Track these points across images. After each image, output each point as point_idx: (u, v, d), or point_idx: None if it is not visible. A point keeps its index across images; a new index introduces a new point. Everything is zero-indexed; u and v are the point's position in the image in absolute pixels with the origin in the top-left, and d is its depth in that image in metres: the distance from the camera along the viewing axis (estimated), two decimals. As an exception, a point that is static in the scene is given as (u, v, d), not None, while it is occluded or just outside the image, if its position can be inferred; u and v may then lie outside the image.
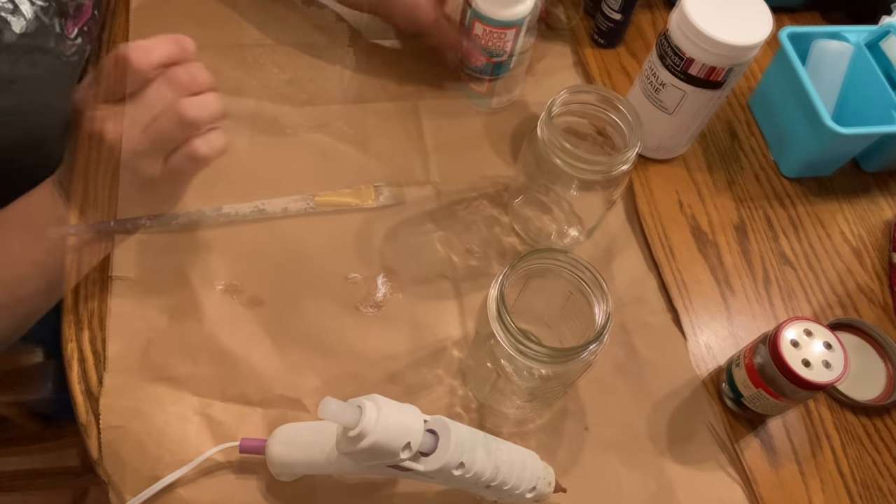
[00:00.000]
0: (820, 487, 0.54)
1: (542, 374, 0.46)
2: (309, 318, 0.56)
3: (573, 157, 0.50)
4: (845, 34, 0.68)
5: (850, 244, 0.66)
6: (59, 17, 0.55)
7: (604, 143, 0.55)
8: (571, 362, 0.43)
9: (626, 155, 0.51)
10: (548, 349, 0.42)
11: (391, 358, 0.55)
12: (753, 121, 0.73)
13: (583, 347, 0.43)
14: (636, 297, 0.60)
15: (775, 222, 0.66)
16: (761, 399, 0.52)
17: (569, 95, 0.53)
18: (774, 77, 0.69)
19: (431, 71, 0.68)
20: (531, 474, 0.45)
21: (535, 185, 0.58)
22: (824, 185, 0.70)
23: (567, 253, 0.46)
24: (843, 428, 0.57)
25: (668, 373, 0.57)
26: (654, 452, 0.54)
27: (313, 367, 0.54)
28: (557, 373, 0.46)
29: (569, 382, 0.50)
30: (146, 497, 0.47)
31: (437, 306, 0.58)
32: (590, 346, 0.43)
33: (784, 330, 0.50)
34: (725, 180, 0.68)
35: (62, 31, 0.55)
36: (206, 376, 0.52)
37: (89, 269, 0.54)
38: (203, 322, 0.54)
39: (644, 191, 0.66)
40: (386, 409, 0.39)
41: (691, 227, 0.65)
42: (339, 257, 0.59)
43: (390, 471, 0.41)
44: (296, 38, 0.70)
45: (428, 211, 0.62)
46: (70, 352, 0.52)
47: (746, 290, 0.62)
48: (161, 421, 0.50)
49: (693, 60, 0.57)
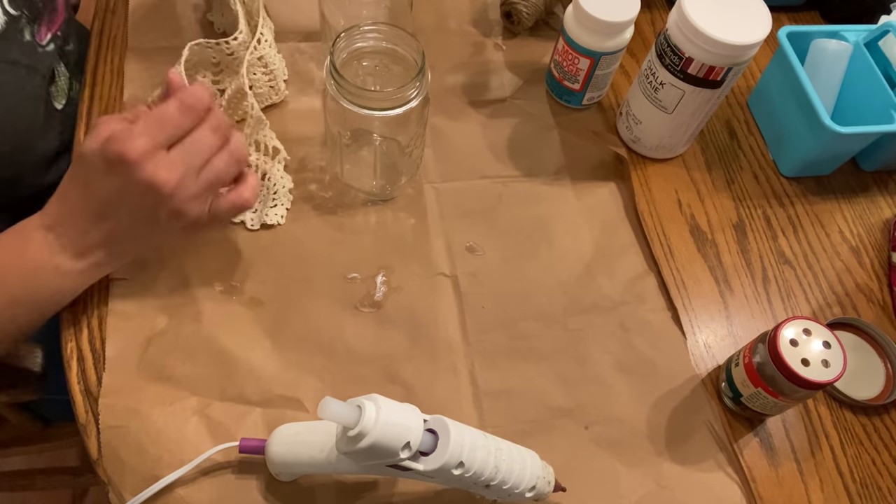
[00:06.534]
0: (819, 486, 0.54)
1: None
2: (308, 318, 0.56)
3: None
4: (844, 33, 0.68)
5: (848, 243, 0.66)
6: (31, 24, 0.55)
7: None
8: (401, 110, 0.51)
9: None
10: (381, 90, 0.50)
11: (390, 357, 0.55)
12: (752, 120, 0.73)
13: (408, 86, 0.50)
14: (636, 296, 0.60)
15: (774, 221, 0.67)
16: (760, 398, 0.52)
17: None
18: (773, 76, 0.69)
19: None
20: (531, 473, 0.45)
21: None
22: (823, 184, 0.70)
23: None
24: (842, 427, 0.57)
25: (667, 372, 0.57)
26: (653, 451, 0.54)
27: (313, 367, 0.54)
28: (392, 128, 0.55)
29: (406, 144, 0.56)
30: (146, 497, 0.47)
31: (436, 305, 0.58)
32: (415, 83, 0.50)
33: (783, 329, 0.50)
34: (724, 179, 0.69)
35: (33, 38, 0.55)
36: (206, 376, 0.52)
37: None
38: (202, 322, 0.54)
39: (643, 190, 0.66)
40: (385, 408, 0.39)
41: (690, 227, 0.65)
42: (337, 257, 0.59)
43: (390, 470, 0.41)
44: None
45: (427, 210, 0.62)
46: (69, 352, 0.52)
47: (745, 289, 0.62)
48: (160, 421, 0.50)
49: (692, 60, 0.57)
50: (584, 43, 0.62)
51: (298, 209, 0.61)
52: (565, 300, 0.59)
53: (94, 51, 0.66)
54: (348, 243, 0.60)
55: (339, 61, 0.52)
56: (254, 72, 0.61)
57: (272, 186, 0.59)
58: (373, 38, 0.54)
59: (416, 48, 0.53)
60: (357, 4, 0.63)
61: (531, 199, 0.64)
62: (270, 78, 0.63)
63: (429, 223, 0.62)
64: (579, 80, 0.66)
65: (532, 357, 0.56)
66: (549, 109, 0.70)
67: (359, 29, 0.53)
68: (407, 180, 0.63)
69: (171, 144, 0.46)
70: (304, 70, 0.68)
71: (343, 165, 0.60)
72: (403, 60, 0.55)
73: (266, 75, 0.62)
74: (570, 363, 0.57)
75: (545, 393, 0.55)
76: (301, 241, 0.59)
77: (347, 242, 0.60)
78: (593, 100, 0.69)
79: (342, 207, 0.61)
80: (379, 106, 0.52)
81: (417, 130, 0.57)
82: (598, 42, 0.62)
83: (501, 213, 0.63)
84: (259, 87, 0.62)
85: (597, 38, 0.62)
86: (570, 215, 0.64)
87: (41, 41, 0.57)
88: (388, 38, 0.54)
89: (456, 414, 0.49)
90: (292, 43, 0.69)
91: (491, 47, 0.73)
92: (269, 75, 0.62)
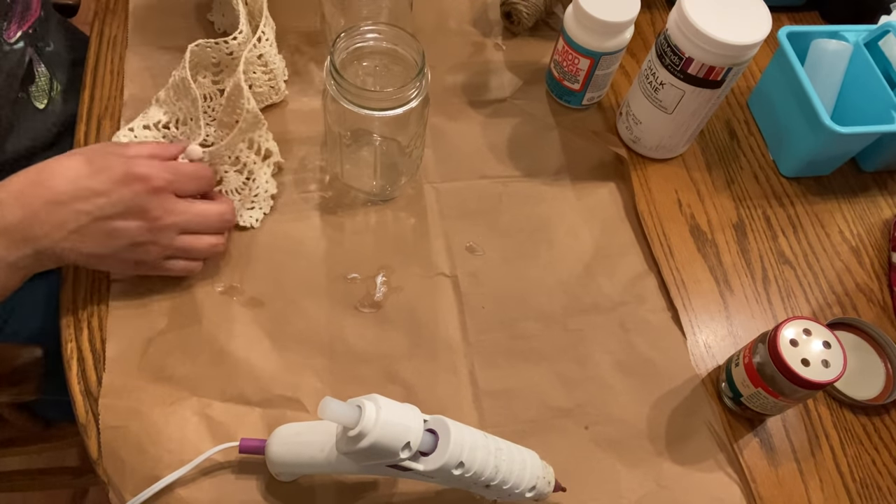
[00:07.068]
0: (819, 486, 0.54)
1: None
2: (308, 318, 0.56)
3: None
4: (844, 33, 0.68)
5: (848, 243, 0.66)
6: (0, 21, 0.54)
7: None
8: (401, 110, 0.51)
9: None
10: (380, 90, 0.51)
11: (390, 357, 0.55)
12: (752, 120, 0.73)
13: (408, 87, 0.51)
14: (636, 296, 0.60)
15: (774, 222, 0.67)
16: (760, 398, 0.52)
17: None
18: (773, 76, 0.69)
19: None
20: (531, 473, 0.45)
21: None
22: (823, 184, 0.70)
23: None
24: (842, 427, 0.57)
25: (667, 372, 0.57)
26: (653, 451, 0.54)
27: (313, 367, 0.54)
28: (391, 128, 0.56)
29: (406, 144, 0.56)
30: (146, 497, 0.47)
31: (436, 305, 0.58)
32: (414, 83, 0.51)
33: (783, 329, 0.50)
34: (724, 180, 0.69)
35: (0, 35, 0.55)
36: (206, 376, 0.52)
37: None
38: (202, 322, 0.54)
39: (643, 190, 0.66)
40: (386, 408, 0.39)
41: (690, 227, 0.65)
42: (337, 257, 0.59)
43: (390, 470, 0.41)
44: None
45: (427, 210, 0.62)
46: (69, 352, 0.52)
47: (745, 289, 0.62)
48: (160, 421, 0.50)
49: (692, 60, 0.57)
50: (584, 43, 0.62)
51: (299, 209, 0.61)
52: (565, 300, 0.59)
53: (94, 51, 0.66)
54: (348, 243, 0.60)
55: (339, 61, 0.52)
56: (253, 70, 0.61)
57: (254, 188, 0.59)
58: (373, 38, 0.54)
59: (416, 48, 0.53)
60: (357, 4, 0.63)
61: (531, 200, 0.64)
62: (270, 77, 0.63)
63: (429, 223, 0.62)
64: (579, 81, 0.66)
65: (532, 357, 0.56)
66: (549, 109, 0.70)
67: (359, 29, 0.54)
68: (407, 180, 0.63)
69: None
70: (304, 70, 0.68)
71: (343, 165, 0.60)
72: (403, 60, 0.55)
73: (266, 74, 0.62)
74: (570, 363, 0.57)
75: (545, 393, 0.55)
76: (301, 241, 0.59)
77: (347, 242, 0.60)
78: (593, 100, 0.69)
79: (342, 207, 0.61)
80: (379, 106, 0.52)
81: (417, 130, 0.57)
82: (598, 42, 0.62)
83: (501, 213, 0.63)
84: (259, 87, 0.62)
85: (597, 38, 0.62)
86: (570, 215, 0.64)
87: (9, 38, 0.56)
88: (388, 38, 0.54)
89: (456, 414, 0.49)
90: (292, 43, 0.69)
91: (491, 47, 0.73)
92: (269, 74, 0.62)
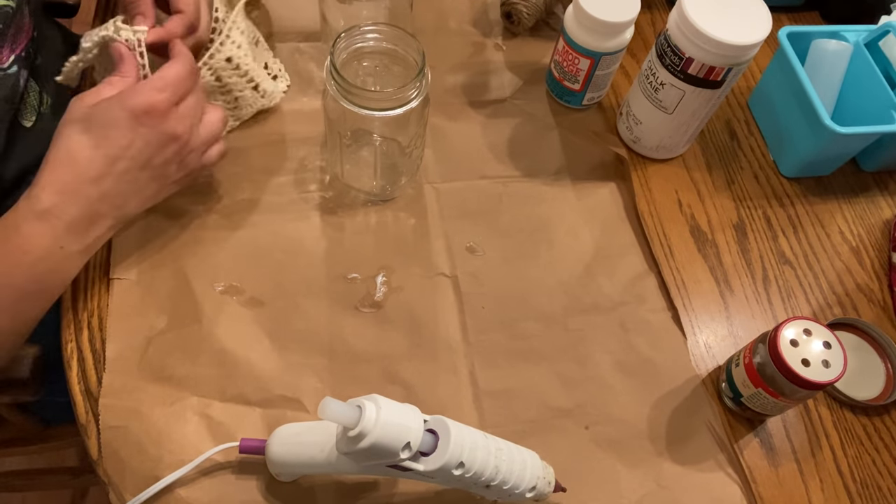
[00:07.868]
0: (819, 487, 0.54)
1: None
2: (308, 318, 0.56)
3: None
4: (844, 34, 0.68)
5: (849, 243, 0.66)
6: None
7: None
8: (401, 110, 0.52)
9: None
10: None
11: (390, 357, 0.55)
12: (752, 120, 0.73)
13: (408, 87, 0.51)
14: (636, 296, 0.60)
15: (774, 222, 0.67)
16: (760, 398, 0.52)
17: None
18: (773, 76, 0.69)
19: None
20: (531, 474, 0.45)
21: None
22: (823, 184, 0.70)
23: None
24: (843, 427, 0.57)
25: (667, 372, 0.57)
26: (653, 451, 0.54)
27: (313, 367, 0.54)
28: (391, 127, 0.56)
29: (406, 144, 0.56)
30: (146, 497, 0.47)
31: (436, 305, 0.58)
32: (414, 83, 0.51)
33: (783, 329, 0.50)
34: (724, 180, 0.69)
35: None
36: (206, 376, 0.52)
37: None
38: (202, 322, 0.54)
39: (643, 190, 0.66)
40: (386, 409, 0.39)
41: (690, 227, 0.65)
42: (338, 257, 0.59)
43: (390, 471, 0.41)
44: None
45: (427, 210, 0.62)
46: (69, 352, 0.52)
47: (746, 289, 0.62)
48: (161, 421, 0.50)
49: (692, 60, 0.57)
50: (584, 43, 0.62)
51: (299, 209, 0.61)
52: (565, 300, 0.59)
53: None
54: (348, 243, 0.60)
55: (339, 61, 0.52)
56: (229, 76, 0.58)
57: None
58: (373, 38, 0.54)
59: (416, 48, 0.53)
60: (357, 4, 0.63)
61: (531, 200, 0.64)
62: (249, 80, 0.60)
63: (429, 223, 0.62)
64: (579, 81, 0.66)
65: (532, 357, 0.56)
66: (550, 109, 0.70)
67: (359, 29, 0.54)
68: (407, 180, 0.63)
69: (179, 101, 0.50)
70: (304, 70, 0.68)
71: (343, 166, 0.60)
72: (403, 61, 0.55)
73: (242, 77, 0.59)
74: (570, 363, 0.57)
75: (545, 393, 0.55)
76: (301, 241, 0.59)
77: (347, 242, 0.60)
78: (593, 100, 0.69)
79: (342, 207, 0.61)
80: (379, 106, 0.52)
81: (417, 131, 0.57)
82: (598, 42, 0.62)
83: (501, 214, 0.63)
84: (239, 90, 0.60)
85: (597, 38, 0.62)
86: (571, 215, 0.64)
87: (2, 64, 0.56)
88: (388, 38, 0.54)
89: (456, 414, 0.49)
90: (292, 43, 0.69)
91: (491, 47, 0.73)
92: (245, 77, 0.60)
